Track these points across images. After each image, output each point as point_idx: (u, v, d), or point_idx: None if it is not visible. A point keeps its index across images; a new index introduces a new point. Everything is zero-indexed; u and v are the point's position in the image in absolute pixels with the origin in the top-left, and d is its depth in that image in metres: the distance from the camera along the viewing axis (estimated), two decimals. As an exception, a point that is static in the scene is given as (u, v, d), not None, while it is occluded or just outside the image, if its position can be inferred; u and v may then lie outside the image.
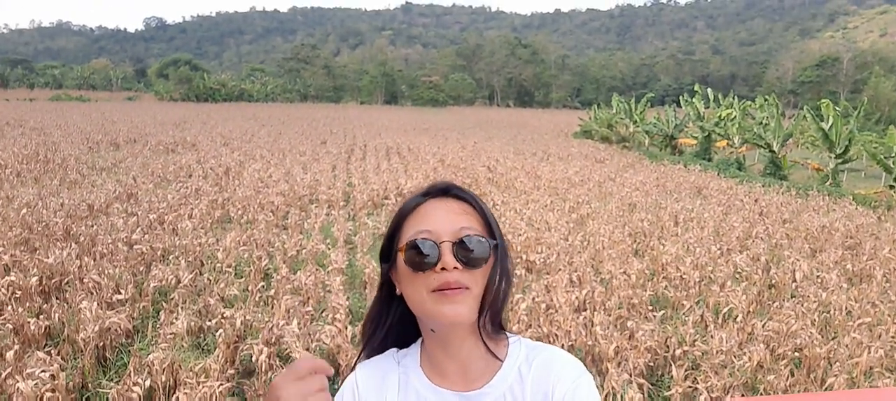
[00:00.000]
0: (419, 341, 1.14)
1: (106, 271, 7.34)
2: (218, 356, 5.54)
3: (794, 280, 8.42)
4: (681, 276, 8.37)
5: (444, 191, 1.09)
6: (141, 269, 7.92)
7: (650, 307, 7.17)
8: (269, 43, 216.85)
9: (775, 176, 20.26)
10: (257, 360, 5.42)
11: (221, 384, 5.08)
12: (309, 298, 7.00)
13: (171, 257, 8.38)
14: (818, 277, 8.57)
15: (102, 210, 11.04)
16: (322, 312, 6.73)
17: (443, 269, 1.00)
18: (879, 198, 16.10)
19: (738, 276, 8.63)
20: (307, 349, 5.62)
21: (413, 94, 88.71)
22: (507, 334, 1.11)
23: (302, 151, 21.68)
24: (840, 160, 19.40)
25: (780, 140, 21.96)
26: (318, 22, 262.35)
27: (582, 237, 10.17)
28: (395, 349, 1.15)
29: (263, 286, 7.31)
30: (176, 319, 6.31)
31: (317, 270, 7.75)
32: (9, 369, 5.15)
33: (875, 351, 6.00)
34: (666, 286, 8.01)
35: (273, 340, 5.82)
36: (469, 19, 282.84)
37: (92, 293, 6.84)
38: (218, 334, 5.80)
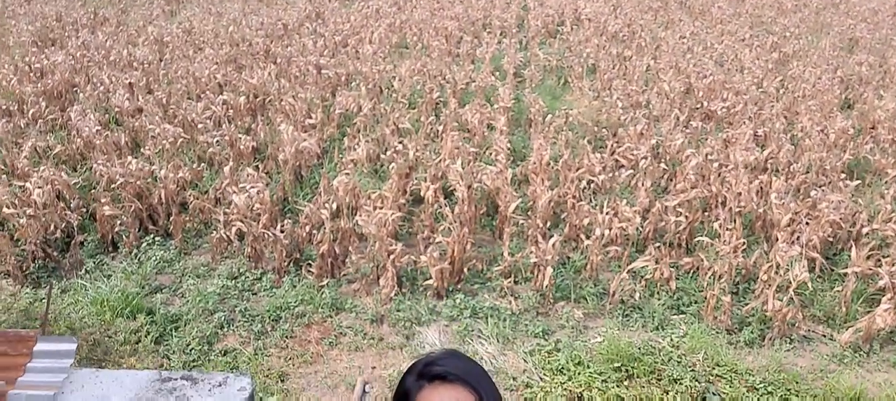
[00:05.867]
0: None
1: (299, 95, 8.17)
2: (392, 186, 6.13)
3: None
4: (894, 138, 7.29)
5: (442, 377, 1.20)
6: (328, 94, 8.67)
7: (844, 176, 6.42)
8: None
9: None
10: (425, 195, 5.92)
11: (393, 212, 5.69)
12: (474, 135, 7.26)
13: (353, 83, 9.03)
14: None
15: (295, 29, 11.96)
16: (485, 150, 7.00)
17: None
18: None
19: (972, 143, 7.30)
20: (469, 187, 5.95)
21: None
22: None
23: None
24: None
25: None
26: None
27: (779, 83, 9.09)
28: None
29: (433, 120, 7.68)
30: (357, 145, 6.99)
31: (483, 106, 7.90)
32: (227, 181, 6.20)
33: None
34: (871, 149, 7.06)
35: (439, 176, 6.27)
36: None
37: (288, 116, 7.72)
38: (391, 166, 6.36)
